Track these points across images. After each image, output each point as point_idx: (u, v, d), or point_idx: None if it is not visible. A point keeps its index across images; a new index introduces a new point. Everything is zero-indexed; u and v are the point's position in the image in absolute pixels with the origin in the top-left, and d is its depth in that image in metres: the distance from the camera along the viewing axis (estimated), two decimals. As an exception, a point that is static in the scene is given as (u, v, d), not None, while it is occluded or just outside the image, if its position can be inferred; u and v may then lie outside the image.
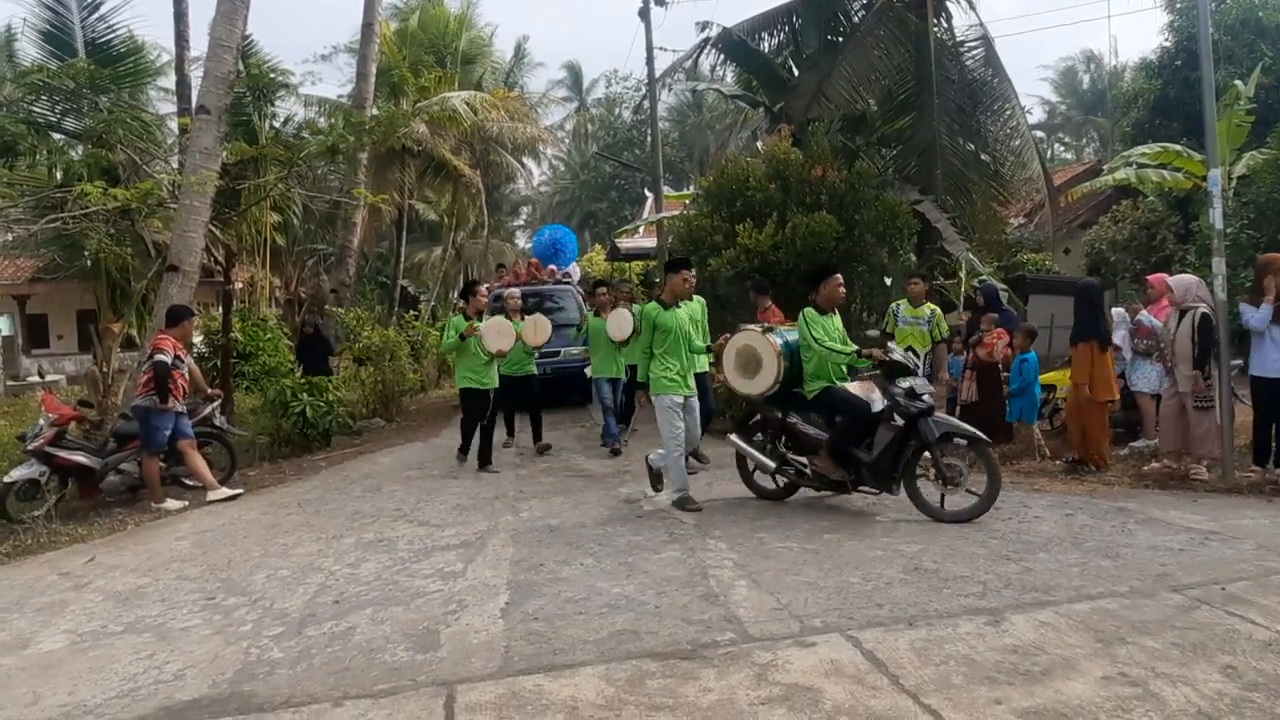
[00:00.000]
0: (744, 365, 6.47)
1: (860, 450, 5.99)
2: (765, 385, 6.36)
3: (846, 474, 6.04)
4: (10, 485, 7.39)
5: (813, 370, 6.27)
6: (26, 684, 3.91)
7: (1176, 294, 6.83)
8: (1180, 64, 17.45)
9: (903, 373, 5.95)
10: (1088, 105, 45.29)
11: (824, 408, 6.27)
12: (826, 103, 12.15)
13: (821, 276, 6.51)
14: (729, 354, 6.60)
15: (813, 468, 6.18)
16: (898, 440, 5.83)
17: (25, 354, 23.00)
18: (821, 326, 6.24)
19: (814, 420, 6.32)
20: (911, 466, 5.92)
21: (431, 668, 3.80)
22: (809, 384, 6.31)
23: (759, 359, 6.38)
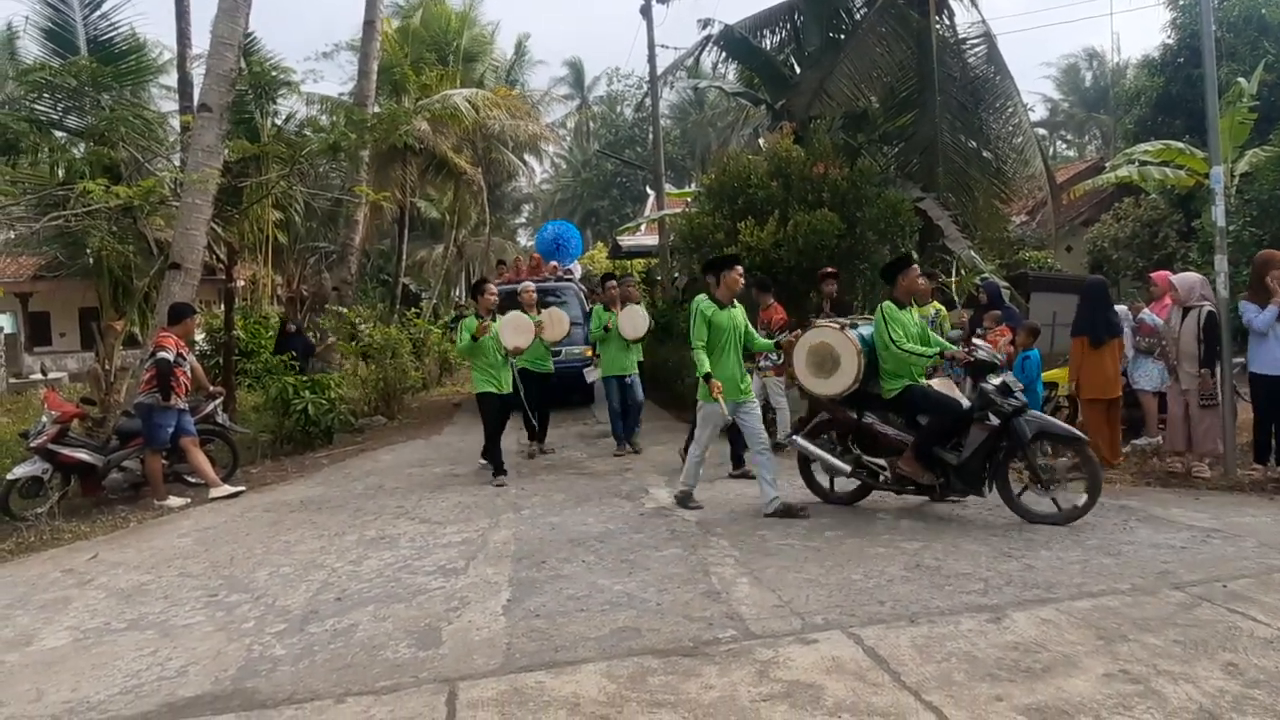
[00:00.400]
0: (819, 364, 6.07)
1: (947, 452, 5.71)
2: (843, 385, 5.97)
3: (935, 477, 5.74)
4: (13, 482, 7.41)
5: (891, 367, 5.93)
6: (30, 680, 3.92)
7: (1180, 292, 6.82)
8: (1183, 61, 17.43)
9: (990, 369, 5.71)
10: (1090, 102, 45.21)
11: (905, 407, 5.93)
12: (828, 100, 12.12)
13: (899, 267, 6.15)
14: (801, 352, 6.19)
15: (896, 471, 5.85)
16: (990, 440, 5.56)
17: (28, 351, 23.03)
18: (900, 324, 5.89)
19: (893, 420, 5.99)
20: (1003, 468, 5.65)
21: (433, 664, 3.80)
22: (888, 382, 5.96)
23: (836, 357, 5.99)
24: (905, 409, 5.95)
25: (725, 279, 6.37)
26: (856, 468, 6.08)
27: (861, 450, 6.10)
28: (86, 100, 10.54)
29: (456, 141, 22.40)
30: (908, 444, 5.82)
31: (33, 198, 10.22)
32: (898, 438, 5.91)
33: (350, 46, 25.94)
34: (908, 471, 5.79)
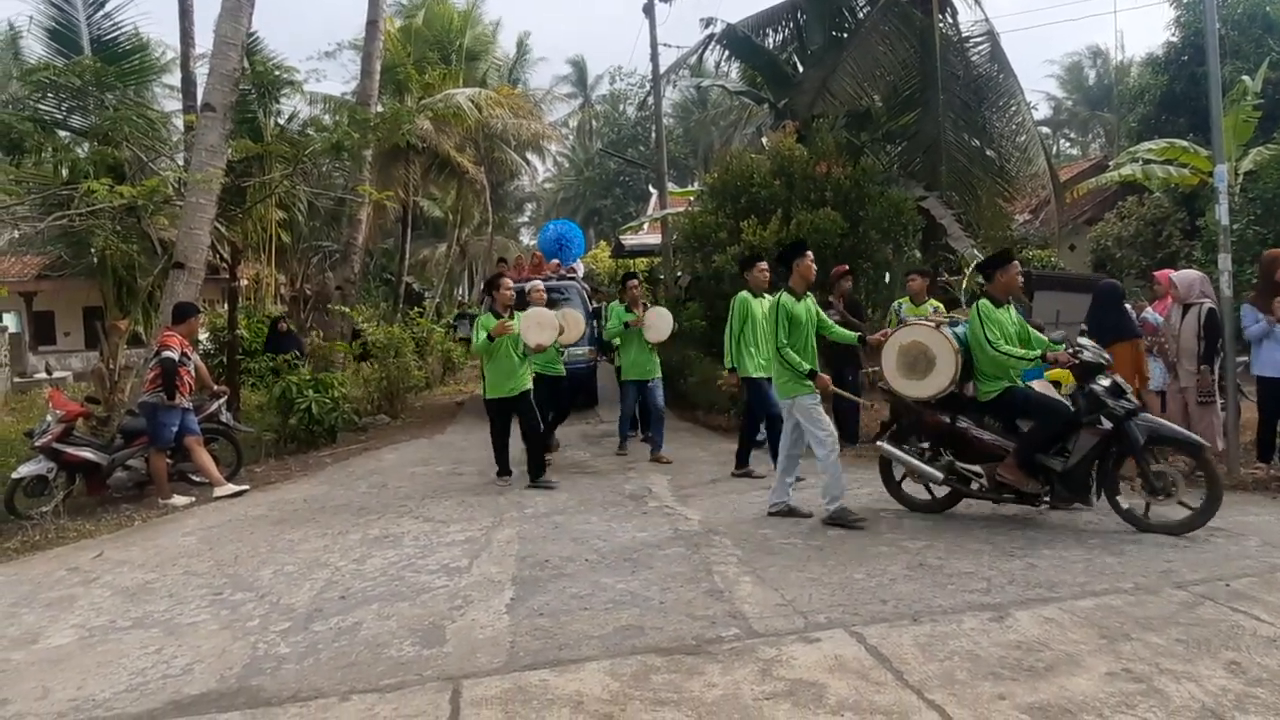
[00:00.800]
0: (910, 364, 5.74)
1: (1051, 458, 5.38)
2: (938, 387, 5.64)
3: (1040, 485, 5.42)
4: (18, 481, 7.43)
5: (989, 368, 5.61)
6: (36, 678, 3.94)
7: (1180, 290, 6.82)
8: (1187, 59, 17.41)
9: (1098, 370, 5.37)
10: (1094, 101, 45.17)
11: (1003, 410, 5.61)
12: (831, 99, 12.12)
13: (998, 263, 5.80)
14: (891, 351, 5.85)
15: (997, 478, 5.51)
16: (1101, 446, 5.25)
17: (32, 351, 23.10)
18: (997, 324, 5.56)
19: (989, 424, 5.65)
20: (1113, 474, 5.34)
21: (437, 663, 3.81)
22: (986, 384, 5.62)
23: (930, 357, 5.66)
24: (1003, 412, 5.62)
25: (799, 267, 6.05)
26: (949, 475, 5.74)
27: (955, 456, 5.75)
28: (90, 100, 10.59)
29: (459, 140, 22.44)
30: (1007, 450, 5.48)
31: (37, 197, 10.26)
32: (996, 443, 5.57)
33: (353, 46, 25.98)
34: (1010, 480, 5.45)
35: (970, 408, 5.73)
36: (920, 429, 5.96)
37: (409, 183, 21.74)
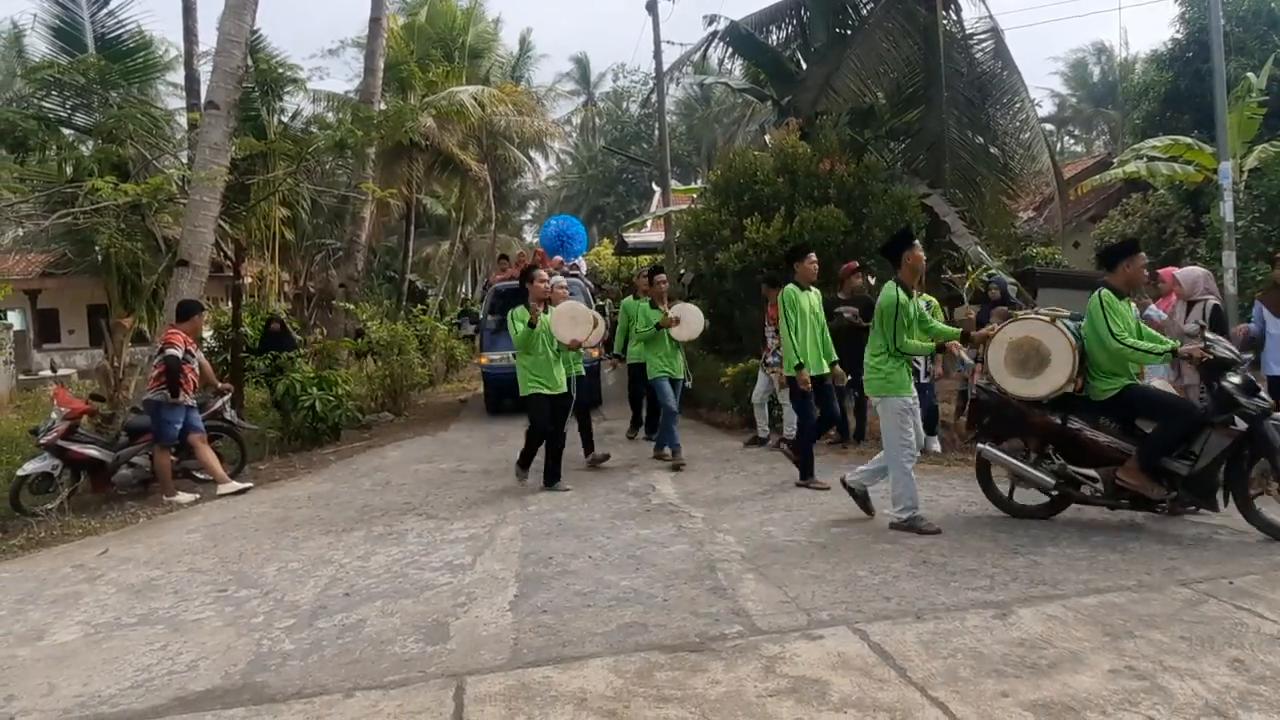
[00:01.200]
0: (1021, 361, 5.39)
1: (1175, 461, 5.02)
2: (1053, 386, 5.29)
3: (1165, 490, 5.05)
4: (24, 478, 7.46)
5: (1107, 365, 5.24)
6: (42, 674, 3.96)
7: (1184, 287, 6.81)
8: (1191, 56, 17.35)
9: (1229, 367, 5.02)
10: (1098, 98, 45.05)
11: (1120, 410, 5.25)
12: (835, 96, 12.09)
13: (1123, 252, 5.42)
14: (999, 347, 5.52)
15: (1117, 483, 5.16)
16: (1233, 448, 4.91)
17: (37, 348, 23.16)
18: (1120, 316, 5.18)
19: (1105, 425, 5.29)
20: (1244, 478, 4.94)
21: (441, 659, 3.82)
22: (1102, 381, 5.25)
23: (1044, 354, 5.31)
24: (1120, 412, 5.26)
25: (908, 260, 5.64)
26: (1059, 480, 5.40)
27: (1065, 459, 5.39)
28: (94, 98, 10.61)
29: (462, 138, 22.44)
30: (1127, 452, 5.14)
31: (42, 195, 10.28)
32: (1114, 445, 5.21)
33: (356, 44, 25.98)
34: (1133, 484, 5.09)
35: (1082, 407, 5.35)
36: (1024, 430, 5.58)
37: (412, 180, 21.76)
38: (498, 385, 12.41)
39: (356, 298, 16.18)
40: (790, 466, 7.68)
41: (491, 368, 12.40)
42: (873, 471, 5.80)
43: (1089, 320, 5.29)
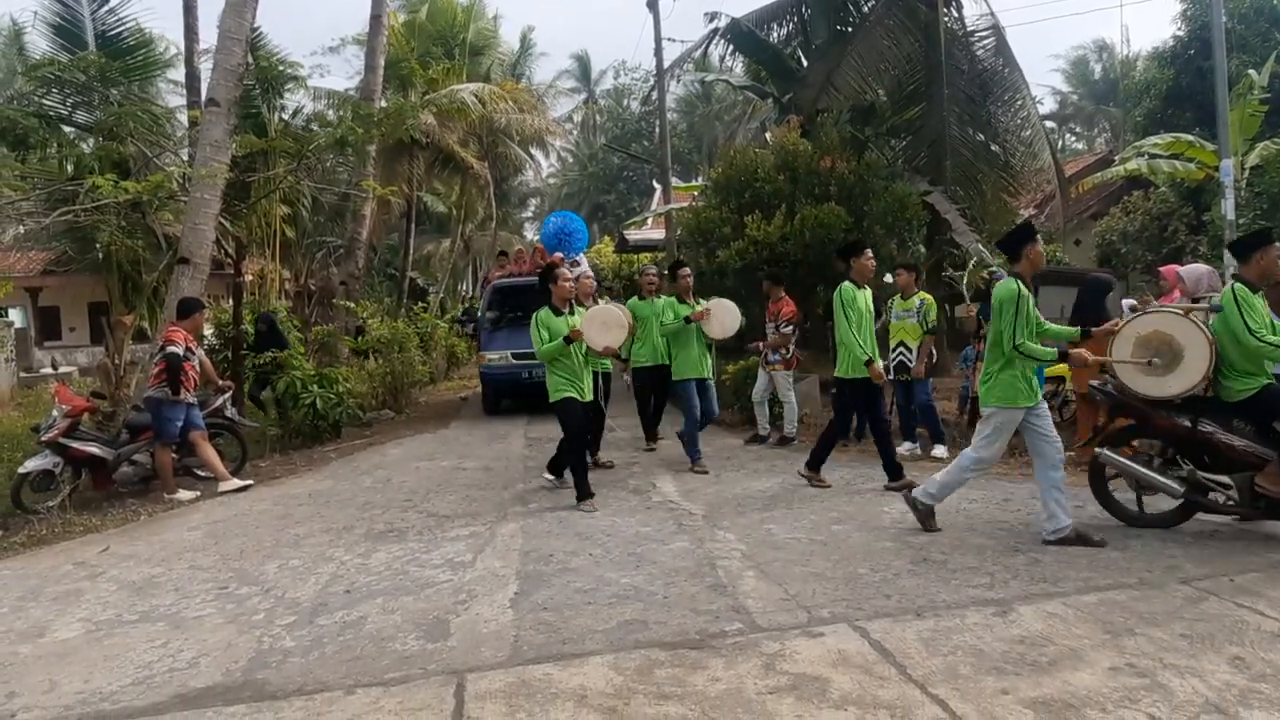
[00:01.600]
0: (1151, 358, 5.04)
1: None
2: (1185, 385, 4.93)
3: None
4: (25, 476, 7.46)
5: (1242, 363, 4.89)
6: (43, 671, 3.96)
7: (1188, 284, 6.78)
8: (1193, 53, 17.33)
9: None
10: (1099, 95, 45.00)
11: (1258, 411, 4.90)
12: (835, 93, 12.10)
13: (1256, 244, 5.09)
14: (1124, 343, 5.16)
15: (1256, 489, 4.83)
16: None
17: (38, 346, 23.16)
18: (1255, 311, 4.86)
19: (1239, 428, 4.94)
20: None
21: (442, 656, 3.83)
22: (1238, 381, 4.90)
23: (1176, 349, 4.95)
24: (1258, 414, 4.90)
25: (1029, 254, 5.21)
26: (1188, 487, 5.05)
27: (1194, 465, 5.07)
28: (95, 95, 10.59)
29: (463, 135, 22.42)
30: (1267, 458, 4.81)
31: (42, 193, 10.27)
32: (1250, 450, 4.86)
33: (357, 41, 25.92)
34: (1274, 491, 4.77)
35: (1211, 408, 5.00)
36: (1148, 433, 5.27)
37: (413, 178, 21.73)
38: (496, 386, 12.43)
39: (357, 295, 16.17)
40: (790, 464, 7.70)
41: (490, 368, 12.33)
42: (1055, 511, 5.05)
43: (1222, 315, 4.97)
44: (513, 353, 11.81)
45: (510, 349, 11.90)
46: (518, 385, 11.86)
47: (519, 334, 10.72)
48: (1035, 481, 5.27)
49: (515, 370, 11.78)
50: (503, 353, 12.03)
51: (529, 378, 11.29)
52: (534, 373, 10.89)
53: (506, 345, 11.99)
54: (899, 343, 8.07)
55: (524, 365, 11.46)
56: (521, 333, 9.44)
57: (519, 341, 11.06)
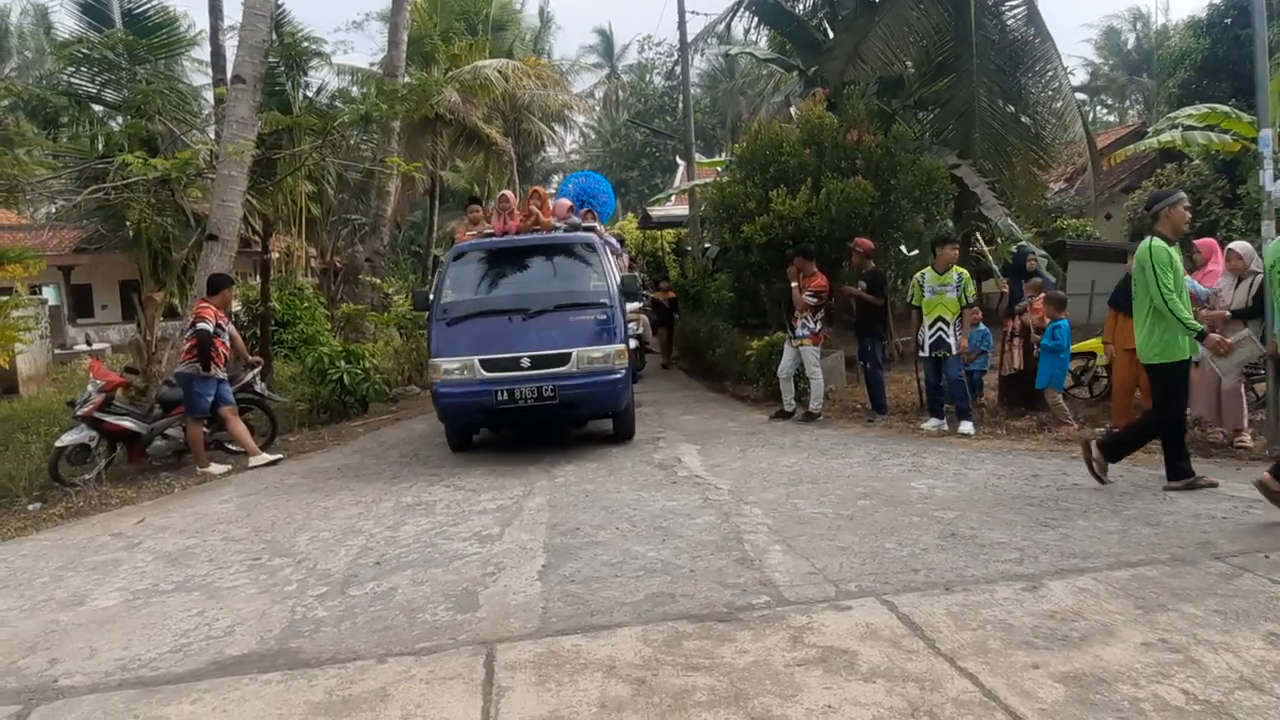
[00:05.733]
0: None
1: None
2: None
3: None
4: (62, 449, 7.61)
5: None
6: (84, 639, 4.06)
7: (1244, 260, 6.64)
8: (1230, 21, 16.89)
9: None
10: (1132, 66, 43.98)
11: None
12: (862, 65, 11.92)
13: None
14: None
15: None
16: None
17: (71, 323, 23.54)
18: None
19: None
20: None
21: (471, 627, 3.87)
22: None
23: None
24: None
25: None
26: None
27: None
28: (123, 74, 10.69)
29: (486, 112, 22.36)
30: None
31: (73, 171, 10.40)
32: None
33: (380, 17, 25.92)
34: None
35: None
36: None
37: (436, 154, 21.74)
38: (458, 413, 7.67)
39: (382, 272, 16.28)
40: (814, 438, 7.69)
41: (448, 385, 7.44)
42: None
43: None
44: (483, 359, 7.35)
45: (479, 352, 7.38)
46: (494, 413, 7.45)
47: (496, 329, 7.39)
48: None
49: (487, 389, 7.29)
50: (466, 360, 7.38)
51: (512, 400, 7.22)
52: (518, 391, 7.17)
53: (474, 348, 7.43)
54: (937, 318, 7.81)
55: (503, 380, 7.25)
56: (500, 326, 7.31)
57: (497, 341, 7.34)
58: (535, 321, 7.41)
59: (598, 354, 7.35)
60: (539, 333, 7.34)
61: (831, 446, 7.41)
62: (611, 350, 7.40)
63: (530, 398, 7.17)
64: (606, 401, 7.48)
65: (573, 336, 7.35)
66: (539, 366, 7.21)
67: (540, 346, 7.27)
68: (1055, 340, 7.62)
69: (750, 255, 11.12)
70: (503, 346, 7.29)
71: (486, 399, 7.25)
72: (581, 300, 7.62)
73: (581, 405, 7.46)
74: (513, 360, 7.23)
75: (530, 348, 7.26)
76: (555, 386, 7.18)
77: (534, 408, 7.24)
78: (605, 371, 7.33)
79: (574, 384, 7.24)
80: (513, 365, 7.22)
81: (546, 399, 7.19)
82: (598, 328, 7.46)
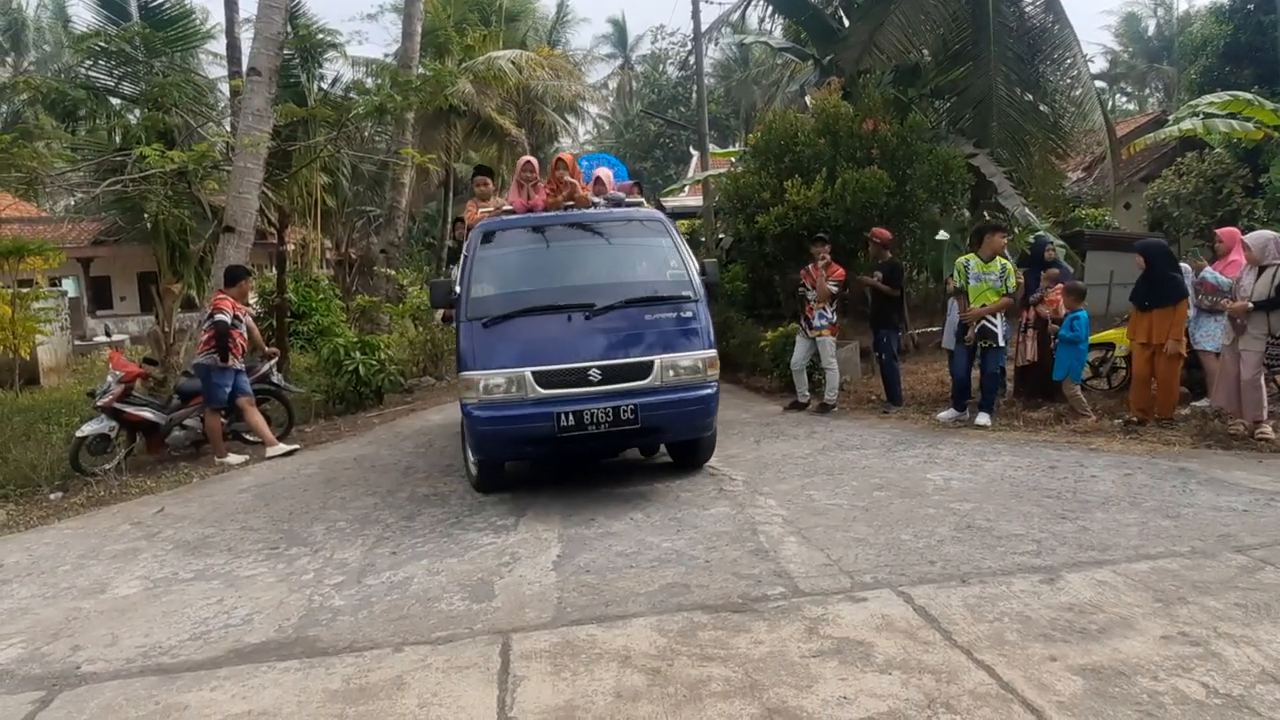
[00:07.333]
0: None
1: None
2: None
3: None
4: (82, 439, 7.69)
5: None
6: (105, 626, 4.10)
7: (1254, 251, 6.55)
8: (1254, 7, 16.64)
9: None
10: (1153, 53, 43.45)
11: None
12: (878, 53, 11.81)
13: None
14: None
15: None
16: None
17: (90, 315, 23.74)
18: None
19: None
20: None
21: (487, 617, 3.89)
22: None
23: None
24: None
25: None
26: None
27: None
28: (140, 67, 10.75)
29: (500, 103, 22.37)
30: None
31: (91, 163, 10.48)
32: None
33: (394, 8, 25.94)
34: None
35: None
36: None
37: (450, 146, 21.76)
38: (502, 442, 5.72)
39: (397, 264, 16.32)
40: (830, 430, 7.66)
41: (491, 407, 5.57)
42: None
43: None
44: (538, 371, 5.56)
45: (532, 363, 5.58)
46: (552, 443, 5.61)
47: (550, 332, 5.66)
48: None
49: (544, 411, 5.49)
50: (514, 374, 5.55)
51: (580, 426, 5.46)
52: (589, 414, 5.43)
53: (524, 357, 5.61)
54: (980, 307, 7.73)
55: (566, 400, 5.50)
56: (555, 328, 5.61)
57: (553, 348, 5.61)
58: (600, 321, 5.68)
59: (685, 362, 5.72)
60: (607, 336, 5.66)
61: (846, 438, 7.38)
62: (702, 357, 5.78)
63: (604, 422, 5.44)
64: (697, 424, 5.87)
65: (652, 340, 5.71)
66: (611, 380, 5.52)
67: (612, 354, 5.60)
68: (1073, 331, 7.55)
69: (764, 246, 11.08)
70: (562, 355, 5.55)
71: (544, 425, 5.40)
72: (658, 293, 5.93)
73: (667, 429, 5.82)
74: (578, 373, 5.50)
75: (599, 356, 5.57)
76: (636, 407, 5.48)
77: (607, 435, 5.54)
78: (695, 385, 5.69)
79: (659, 402, 5.57)
80: (579, 379, 5.51)
81: (625, 423, 5.47)
82: (682, 328, 5.80)
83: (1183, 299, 6.97)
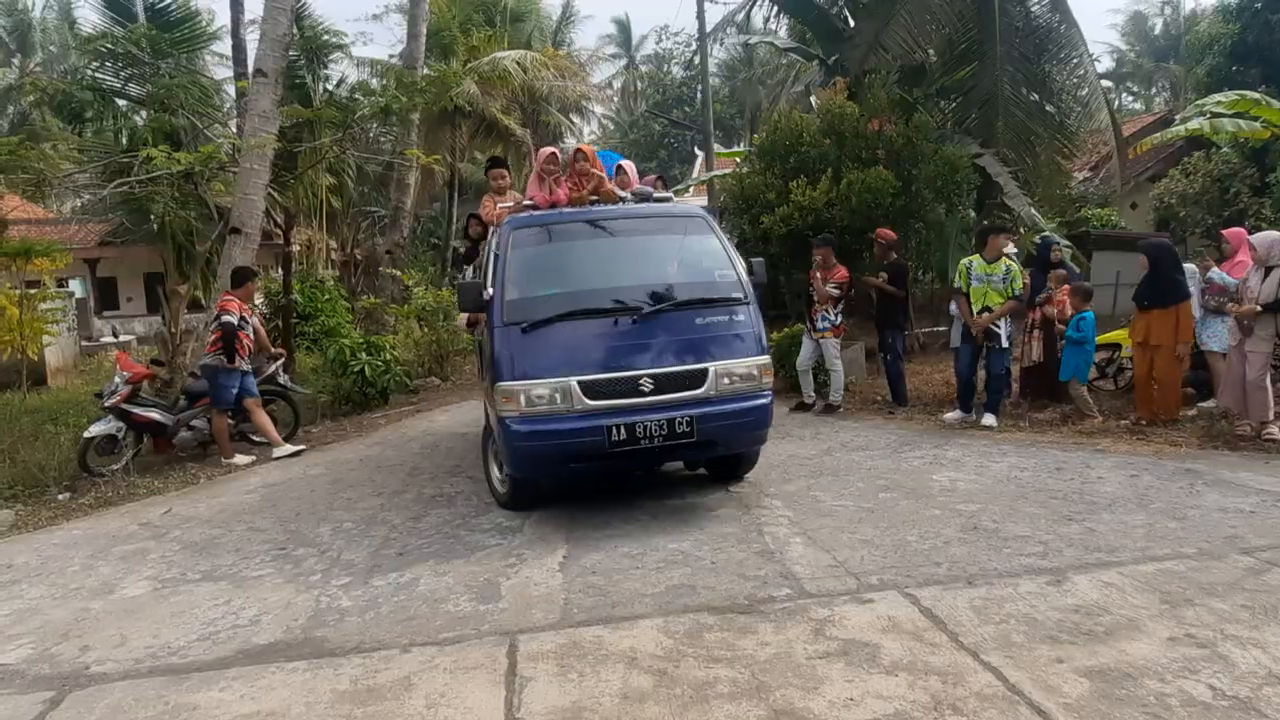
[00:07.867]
0: None
1: None
2: None
3: None
4: (90, 440, 7.72)
5: None
6: (114, 626, 4.12)
7: (1260, 252, 6.53)
8: (1261, 6, 16.58)
9: None
10: (1159, 52, 43.35)
11: None
12: (884, 53, 11.80)
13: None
14: None
15: None
16: None
17: (97, 315, 23.81)
18: None
19: None
20: None
21: (494, 618, 3.90)
22: None
23: None
24: None
25: None
26: None
27: None
28: (146, 68, 10.79)
29: (505, 103, 22.40)
30: None
31: (98, 165, 10.52)
32: None
33: (400, 9, 25.99)
34: None
35: None
36: None
37: (455, 146, 21.81)
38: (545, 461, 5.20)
39: (402, 264, 16.34)
40: (835, 431, 7.65)
41: (533, 420, 5.06)
42: None
43: None
44: (584, 381, 5.09)
45: (578, 371, 5.11)
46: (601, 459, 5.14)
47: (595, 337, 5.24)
48: None
49: (594, 424, 5.04)
50: (560, 384, 5.06)
51: (632, 440, 5.03)
52: (641, 427, 5.01)
53: (569, 365, 5.14)
54: (983, 309, 7.58)
55: (617, 412, 5.06)
56: (601, 333, 5.20)
57: (600, 355, 5.19)
58: (648, 326, 5.27)
59: (740, 370, 5.33)
60: (657, 342, 5.27)
61: (852, 439, 7.38)
62: (757, 364, 5.41)
63: (658, 436, 5.05)
64: (754, 436, 5.54)
65: (704, 346, 5.33)
66: (663, 390, 5.12)
67: (663, 362, 5.20)
68: (1080, 332, 7.54)
69: (770, 246, 11.05)
70: (610, 362, 5.14)
71: (594, 440, 4.97)
72: (708, 295, 5.54)
73: (722, 442, 5.40)
74: (629, 382, 5.09)
75: (649, 363, 5.17)
76: (693, 418, 5.09)
77: (660, 450, 5.17)
78: (751, 394, 5.34)
79: (715, 413, 5.18)
80: (629, 389, 5.08)
81: (680, 436, 5.08)
82: (735, 333, 5.42)
83: (1183, 300, 6.95)
